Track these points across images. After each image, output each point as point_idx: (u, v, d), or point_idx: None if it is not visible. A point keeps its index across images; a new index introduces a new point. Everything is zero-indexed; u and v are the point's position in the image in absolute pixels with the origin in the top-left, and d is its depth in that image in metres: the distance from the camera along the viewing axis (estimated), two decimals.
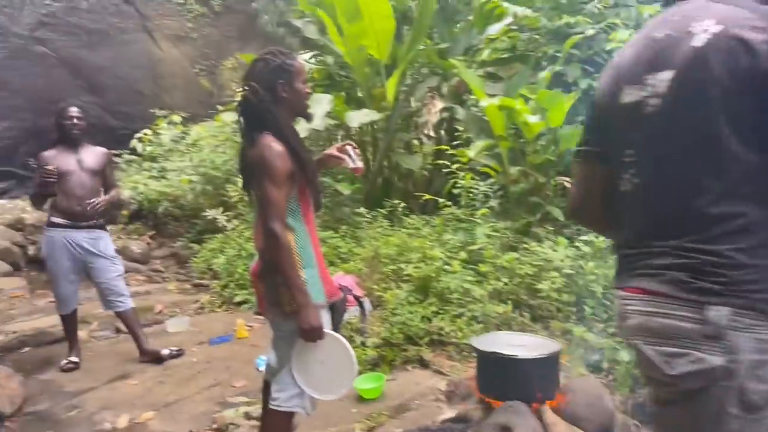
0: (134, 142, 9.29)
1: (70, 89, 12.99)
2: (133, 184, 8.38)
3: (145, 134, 9.33)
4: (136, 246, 7.36)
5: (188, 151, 8.36)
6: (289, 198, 2.14)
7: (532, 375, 2.77)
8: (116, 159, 9.49)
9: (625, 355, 3.11)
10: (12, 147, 12.47)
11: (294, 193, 2.16)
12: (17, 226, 8.17)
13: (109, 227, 4.36)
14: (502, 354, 2.76)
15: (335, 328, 4.14)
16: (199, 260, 6.60)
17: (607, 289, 3.84)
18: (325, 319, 2.23)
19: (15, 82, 12.57)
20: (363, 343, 3.86)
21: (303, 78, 2.24)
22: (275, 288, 2.15)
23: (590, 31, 5.03)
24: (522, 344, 2.90)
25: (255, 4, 14.55)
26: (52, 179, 3.84)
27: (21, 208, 8.66)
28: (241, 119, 2.24)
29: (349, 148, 2.42)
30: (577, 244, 4.13)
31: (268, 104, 2.15)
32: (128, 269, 6.79)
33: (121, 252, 6.99)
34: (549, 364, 2.82)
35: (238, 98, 2.25)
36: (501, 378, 2.79)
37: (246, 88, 2.19)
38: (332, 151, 2.44)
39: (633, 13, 5.32)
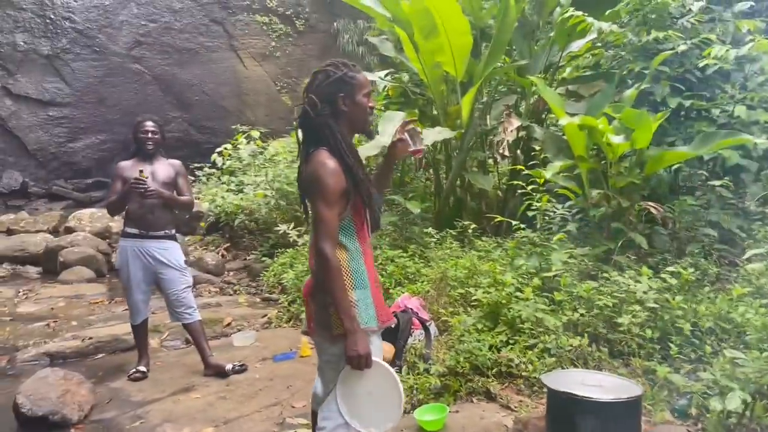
0: (214, 156, 9.56)
1: (161, 105, 13.68)
2: (212, 197, 8.60)
3: (225, 149, 9.59)
4: (211, 258, 7.51)
5: (265, 166, 8.50)
6: (343, 217, 2.04)
7: (609, 420, 2.52)
8: (197, 172, 9.81)
9: (717, 404, 2.79)
10: (108, 159, 13.20)
11: (348, 211, 2.06)
12: (104, 234, 8.55)
13: (186, 238, 4.44)
14: (575, 394, 2.53)
15: (399, 352, 4.03)
16: (269, 274, 6.64)
17: (696, 326, 3.51)
18: (376, 345, 2.10)
19: (112, 98, 13.35)
20: (426, 370, 3.69)
21: (366, 92, 2.14)
22: (324, 309, 2.05)
23: (682, 47, 4.70)
24: (598, 384, 2.65)
25: (336, 23, 14.81)
26: (142, 186, 3.97)
27: (110, 216, 9.08)
28: (299, 133, 2.17)
29: (411, 127, 2.28)
30: (662, 275, 3.81)
31: (326, 118, 2.07)
32: (202, 280, 6.95)
33: (196, 263, 7.17)
34: (629, 408, 2.56)
35: (298, 112, 2.17)
36: (573, 421, 2.55)
37: (305, 100, 2.11)
38: (397, 135, 2.30)
39: (730, 28, 4.95)
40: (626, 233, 4.42)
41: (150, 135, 4.21)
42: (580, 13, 5.19)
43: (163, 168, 4.27)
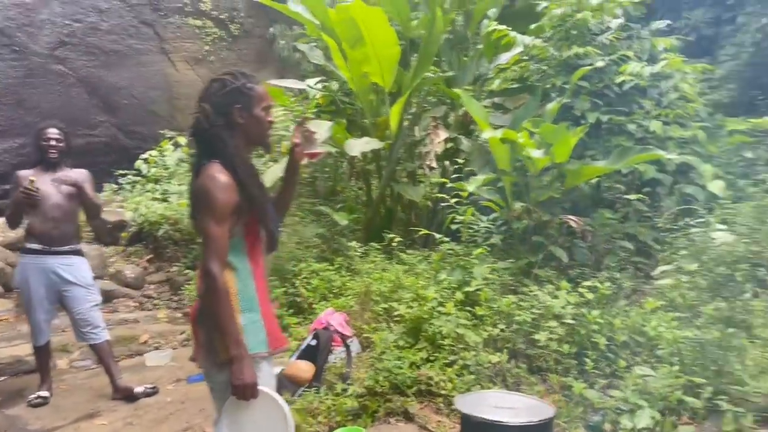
0: (139, 163, 9.19)
1: (87, 108, 13.06)
2: (135, 206, 8.25)
3: (151, 155, 9.23)
4: (130, 270, 7.18)
5: (190, 174, 8.21)
6: (233, 234, 1.92)
7: None
8: (120, 180, 9.40)
9: (628, 421, 2.80)
10: (26, 164, 12.55)
11: (240, 229, 1.94)
12: (17, 245, 8.05)
13: (107, 249, 4.18)
14: (486, 419, 2.48)
15: (319, 371, 3.91)
16: (192, 287, 6.38)
17: (611, 341, 3.54)
18: (265, 372, 1.98)
19: (32, 100, 12.65)
20: (345, 391, 3.59)
21: (265, 105, 2.03)
22: (210, 334, 1.92)
23: (600, 63, 4.79)
24: (512, 406, 2.61)
25: (272, 29, 14.58)
26: (35, 196, 3.72)
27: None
28: (192, 144, 2.04)
29: (304, 128, 2.17)
30: (580, 289, 3.84)
31: (219, 129, 1.95)
32: (119, 294, 6.62)
33: (114, 276, 6.83)
34: (540, 431, 2.53)
35: (190, 121, 2.04)
36: None
37: (198, 110, 1.99)
38: (293, 138, 2.19)
39: (647, 45, 5.08)
40: (547, 246, 4.45)
41: (53, 143, 3.95)
42: (504, 26, 5.23)
43: (68, 178, 4.02)
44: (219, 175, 1.88)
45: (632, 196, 4.47)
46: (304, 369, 3.87)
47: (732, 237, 3.47)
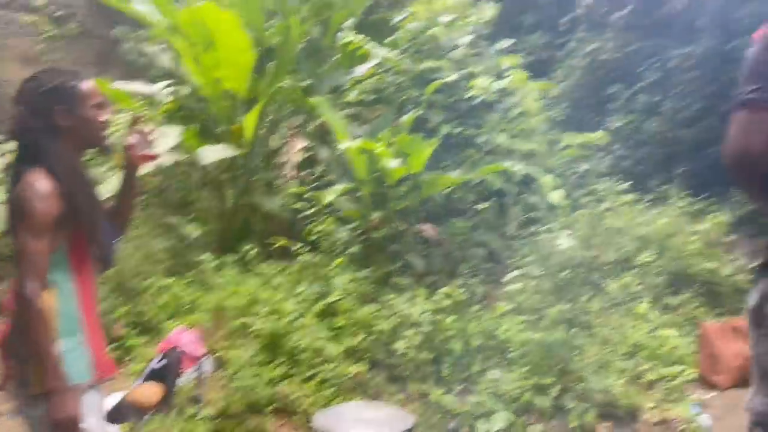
0: None
1: None
2: None
3: None
4: None
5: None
6: (56, 249, 1.69)
7: None
8: None
9: (483, 425, 2.87)
10: None
11: (64, 243, 1.71)
12: None
13: None
14: None
15: (168, 394, 3.62)
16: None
17: (466, 346, 3.65)
18: (92, 403, 1.75)
19: None
20: (196, 414, 3.35)
21: (94, 103, 1.80)
22: (23, 362, 1.67)
23: (452, 77, 4.98)
24: (372, 418, 2.58)
25: (115, 30, 13.64)
26: None
27: None
28: (14, 149, 1.77)
29: (137, 128, 1.95)
30: (436, 296, 3.92)
31: (38, 134, 1.71)
32: None
33: None
34: None
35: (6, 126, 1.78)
36: None
37: (14, 113, 1.73)
38: (127, 140, 1.94)
39: (493, 63, 5.37)
40: (404, 255, 4.51)
41: None
42: (360, 37, 5.27)
43: None
44: (39, 182, 1.64)
45: (482, 205, 4.68)
46: (150, 393, 3.56)
47: (573, 242, 3.73)
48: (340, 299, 4.04)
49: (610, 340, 3.54)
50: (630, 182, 5.37)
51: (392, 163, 4.34)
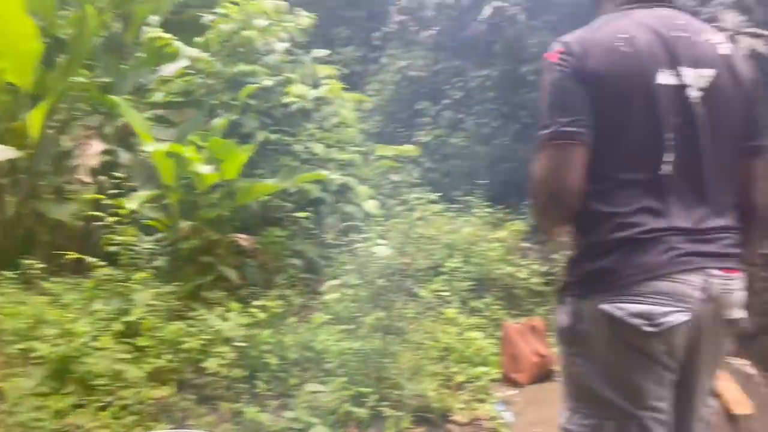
0: None
1: None
2: None
3: None
4: None
5: None
6: None
7: None
8: None
9: None
10: None
11: None
12: None
13: None
14: None
15: None
16: None
17: (283, 359, 3.52)
18: None
19: None
20: None
21: None
22: None
23: (267, 82, 4.84)
24: None
25: None
26: None
27: None
28: None
29: None
30: (250, 309, 3.74)
31: None
32: None
33: None
34: None
35: None
36: None
37: None
38: None
39: (309, 71, 5.33)
40: (217, 266, 4.26)
41: None
42: (168, 35, 4.92)
43: None
44: None
45: (299, 214, 4.59)
46: None
47: (389, 251, 3.79)
48: (143, 317, 3.68)
49: (423, 345, 3.64)
50: (438, 193, 5.66)
51: (203, 169, 4.08)
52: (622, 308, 1.36)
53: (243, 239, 4.29)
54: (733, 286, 1.47)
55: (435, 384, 3.26)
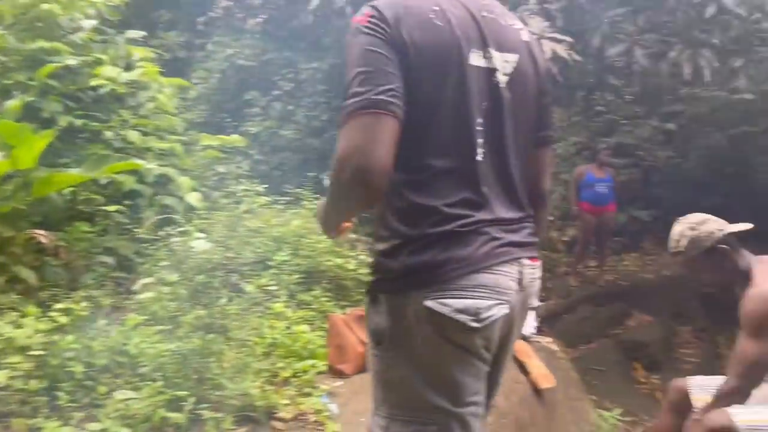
0: None
1: None
2: None
3: None
4: None
5: None
6: None
7: None
8: None
9: None
10: None
11: None
12: None
13: None
14: None
15: None
16: None
17: (90, 367, 3.19)
18: None
19: None
20: None
21: None
22: None
23: (72, 62, 4.37)
24: None
25: None
26: None
27: None
28: None
29: None
30: (52, 313, 3.35)
31: None
32: None
33: None
34: None
35: None
36: None
37: None
38: None
39: (122, 53, 4.91)
40: (11, 267, 3.76)
41: None
42: None
43: None
44: None
45: (111, 208, 4.21)
46: None
47: (209, 245, 3.59)
48: None
49: (248, 342, 3.51)
50: (268, 185, 5.51)
51: None
52: (447, 304, 1.29)
53: (43, 236, 3.82)
54: (536, 275, 1.48)
55: (260, 381, 3.15)
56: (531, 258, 1.45)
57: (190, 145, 5.46)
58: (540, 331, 4.26)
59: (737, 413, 2.35)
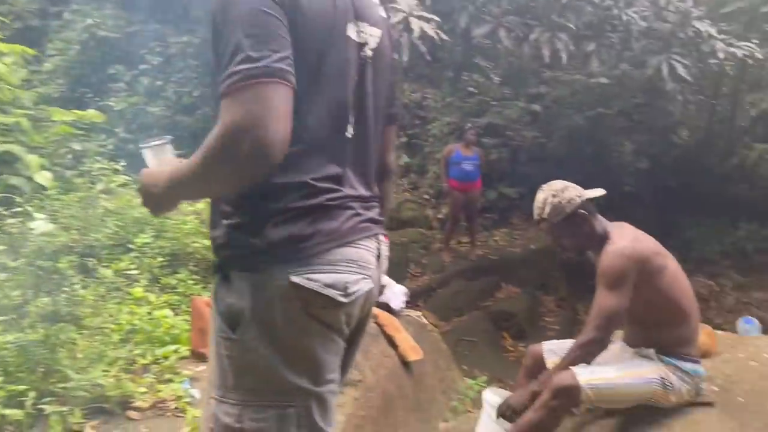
0: None
1: None
2: None
3: None
4: None
5: None
6: None
7: None
8: None
9: None
10: None
11: None
12: None
13: None
14: None
15: None
16: None
17: None
18: None
19: None
20: None
21: None
22: None
23: None
24: None
25: None
26: None
27: None
28: None
29: None
30: None
31: None
32: None
33: None
34: None
35: None
36: None
37: None
38: None
39: None
40: None
41: None
42: None
43: None
44: None
45: None
46: None
47: (51, 226, 3.32)
48: None
49: (105, 330, 3.30)
50: (133, 165, 5.19)
51: None
52: (315, 279, 1.24)
53: None
54: (387, 252, 1.50)
55: (114, 370, 2.97)
56: (385, 235, 1.48)
57: (41, 120, 5.02)
58: (409, 304, 4.36)
59: (581, 373, 2.53)
